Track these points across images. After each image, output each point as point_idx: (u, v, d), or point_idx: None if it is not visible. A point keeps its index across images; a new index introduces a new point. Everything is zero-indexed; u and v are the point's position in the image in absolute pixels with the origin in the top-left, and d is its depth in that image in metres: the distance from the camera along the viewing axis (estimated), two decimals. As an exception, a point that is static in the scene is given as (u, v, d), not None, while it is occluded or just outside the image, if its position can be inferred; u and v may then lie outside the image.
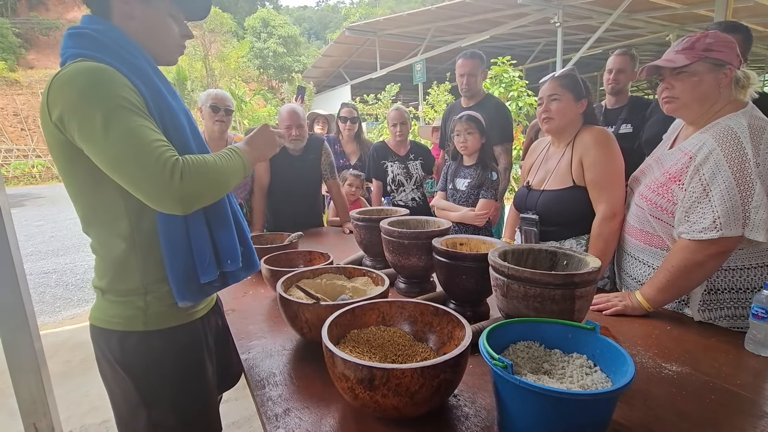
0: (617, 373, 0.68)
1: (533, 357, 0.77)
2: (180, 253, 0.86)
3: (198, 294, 0.91)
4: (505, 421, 0.69)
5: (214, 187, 0.85)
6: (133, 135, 0.76)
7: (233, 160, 0.91)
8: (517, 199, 1.59)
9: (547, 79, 1.44)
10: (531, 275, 0.85)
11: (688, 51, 1.08)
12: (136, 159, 0.76)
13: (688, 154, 1.07)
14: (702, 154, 1.03)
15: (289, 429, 0.72)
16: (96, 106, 0.75)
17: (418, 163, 2.64)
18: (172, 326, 0.91)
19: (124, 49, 0.84)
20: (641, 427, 0.71)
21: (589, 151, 1.36)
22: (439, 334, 0.87)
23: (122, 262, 0.87)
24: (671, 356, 0.93)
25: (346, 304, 0.91)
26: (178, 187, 0.77)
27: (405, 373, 0.64)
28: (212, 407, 1.01)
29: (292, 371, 0.91)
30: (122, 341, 0.88)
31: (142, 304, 0.88)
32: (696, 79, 1.07)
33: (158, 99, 0.85)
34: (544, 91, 1.44)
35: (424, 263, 1.26)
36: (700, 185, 1.02)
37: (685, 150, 1.09)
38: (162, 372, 0.90)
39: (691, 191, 1.03)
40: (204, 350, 0.97)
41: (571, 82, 1.40)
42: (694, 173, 1.04)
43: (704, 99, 1.08)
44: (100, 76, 0.77)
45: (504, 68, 7.46)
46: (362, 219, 1.52)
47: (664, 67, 1.10)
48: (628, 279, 1.28)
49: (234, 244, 0.95)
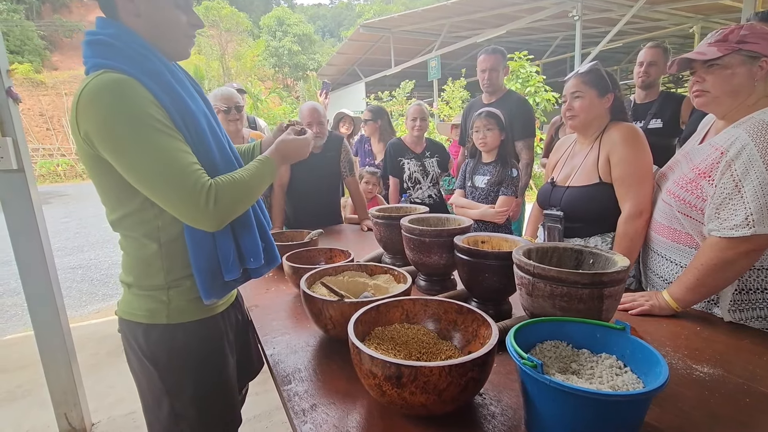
0: (649, 375, 0.67)
1: (561, 357, 0.76)
2: (205, 255, 0.90)
3: (222, 290, 0.94)
4: (533, 421, 0.69)
5: (245, 203, 0.92)
6: (166, 159, 0.80)
7: (261, 170, 0.95)
8: (540, 195, 1.57)
9: (571, 77, 1.41)
10: (558, 274, 0.84)
11: (721, 43, 1.04)
12: (170, 184, 0.80)
13: (719, 150, 1.04)
14: (734, 149, 1.00)
15: (316, 424, 0.73)
16: (124, 128, 0.78)
17: (434, 160, 2.63)
18: (193, 320, 0.95)
19: (140, 54, 0.85)
20: (674, 429, 0.69)
21: (616, 147, 1.33)
22: (463, 333, 0.87)
23: (149, 260, 0.91)
24: (702, 358, 0.91)
25: (370, 301, 0.91)
26: (213, 211, 0.83)
27: (433, 371, 0.64)
28: (232, 400, 1.03)
29: (317, 367, 0.92)
30: (147, 333, 0.92)
31: (165, 298, 0.92)
32: (728, 72, 1.04)
33: (180, 106, 0.87)
34: (567, 89, 1.41)
35: (445, 261, 1.25)
36: (732, 181, 0.99)
37: (716, 145, 1.06)
38: (183, 364, 0.94)
39: (723, 187, 1.00)
40: (225, 344, 1.00)
41: (595, 78, 1.37)
42: (725, 169, 1.01)
43: (737, 93, 1.05)
44: (123, 92, 0.79)
45: (521, 63, 7.35)
46: (382, 217, 1.52)
47: (696, 60, 1.07)
48: (654, 278, 1.25)
49: (256, 244, 0.97)
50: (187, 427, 0.96)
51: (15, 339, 3.11)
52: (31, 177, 1.80)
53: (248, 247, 0.96)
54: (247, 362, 1.14)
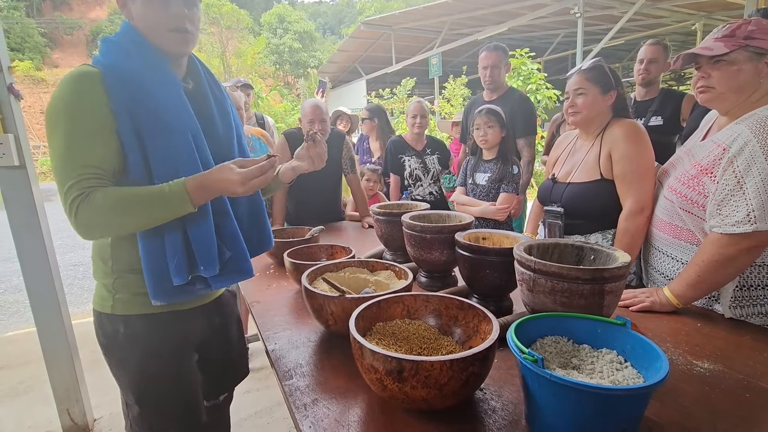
0: (649, 370, 0.67)
1: (561, 352, 0.76)
2: (153, 255, 0.89)
3: (173, 295, 0.92)
4: (533, 416, 0.69)
5: (112, 228, 0.87)
6: (65, 157, 0.83)
7: (152, 198, 0.83)
8: (541, 191, 1.57)
9: (574, 73, 1.41)
10: (559, 270, 0.84)
11: (728, 39, 1.04)
12: (58, 182, 0.85)
13: (721, 146, 1.04)
14: (737, 145, 1.00)
15: (317, 419, 0.73)
16: (53, 118, 0.84)
17: (435, 157, 2.63)
18: (138, 314, 0.96)
19: (125, 51, 0.88)
20: (674, 424, 0.70)
21: (618, 144, 1.33)
22: (464, 328, 0.87)
23: (102, 249, 0.97)
24: (702, 354, 0.91)
25: (371, 297, 0.91)
26: (74, 221, 0.84)
27: (434, 366, 0.65)
28: (188, 402, 1.02)
29: (318, 362, 0.92)
30: (99, 320, 0.99)
31: (111, 288, 0.96)
32: (735, 69, 1.03)
33: (142, 113, 0.86)
34: (570, 85, 1.41)
35: (446, 257, 1.25)
36: (734, 177, 0.99)
37: (719, 141, 1.06)
38: (126, 356, 0.97)
39: (725, 184, 1.00)
40: (182, 344, 1.00)
41: (598, 75, 1.37)
42: (727, 165, 1.00)
43: (742, 89, 1.04)
44: (73, 85, 0.84)
45: (522, 61, 7.34)
46: (383, 213, 1.53)
47: (701, 55, 1.07)
48: (655, 274, 1.25)
49: (209, 250, 0.92)
50: (135, 422, 0.99)
51: (17, 335, 3.13)
52: (32, 174, 1.80)
53: (200, 249, 0.91)
54: (224, 367, 1.13)
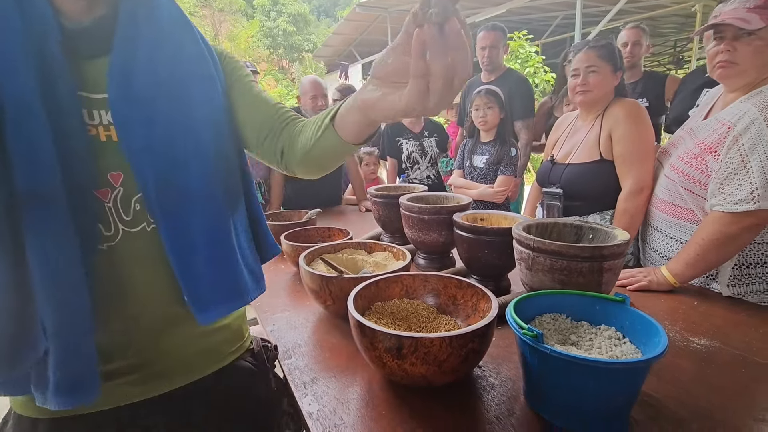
0: (648, 345, 0.67)
1: (560, 329, 0.76)
2: None
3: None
4: (532, 391, 0.69)
5: None
6: None
7: None
8: (539, 173, 1.56)
9: (581, 48, 1.38)
10: (558, 248, 0.84)
11: (763, 10, 0.97)
12: None
13: (726, 124, 1.02)
14: (742, 123, 0.98)
15: (317, 396, 0.74)
16: None
17: (433, 140, 2.61)
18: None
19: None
20: (671, 399, 0.70)
21: (619, 124, 1.31)
22: (463, 307, 0.87)
23: None
24: (699, 331, 0.92)
25: (369, 276, 0.91)
26: None
27: (433, 342, 0.64)
28: None
29: (317, 342, 0.92)
30: None
31: None
32: (762, 44, 0.98)
33: None
34: (579, 62, 1.37)
35: (444, 239, 1.25)
36: (739, 156, 0.97)
37: (723, 120, 1.04)
38: None
39: (728, 162, 0.99)
40: None
41: (609, 53, 1.34)
42: (732, 143, 0.99)
43: (764, 67, 1.00)
44: None
45: (520, 43, 7.24)
46: (380, 195, 1.51)
47: (727, 27, 1.01)
48: (653, 254, 1.26)
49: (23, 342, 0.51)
50: None
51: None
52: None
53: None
54: None
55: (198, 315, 0.63)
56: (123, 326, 0.62)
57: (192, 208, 0.61)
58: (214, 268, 0.64)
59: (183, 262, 0.61)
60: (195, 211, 0.62)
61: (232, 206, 0.69)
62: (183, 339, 0.68)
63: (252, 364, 0.79)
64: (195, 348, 0.69)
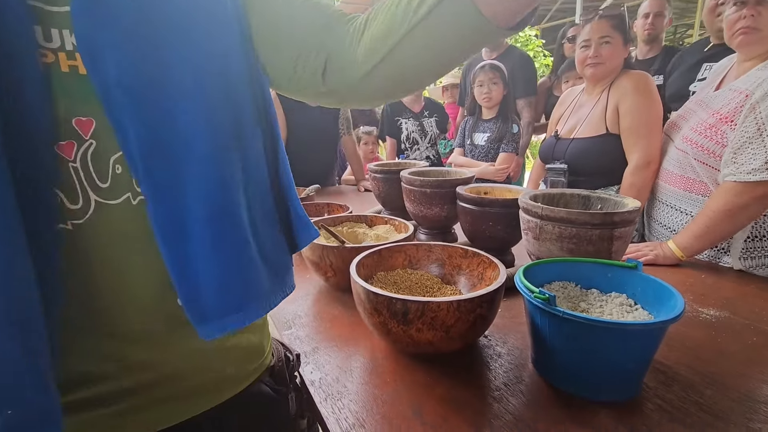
0: (661, 311, 0.65)
1: (569, 297, 0.74)
2: None
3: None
4: (541, 358, 0.67)
5: None
6: None
7: None
8: (543, 149, 1.53)
9: (591, 18, 1.33)
10: (567, 215, 0.81)
11: None
12: None
13: (743, 93, 0.99)
14: (761, 91, 0.94)
15: (318, 365, 0.71)
16: None
17: (433, 120, 2.56)
18: None
19: None
20: (682, 365, 0.69)
21: (626, 96, 1.28)
22: (468, 276, 0.85)
23: None
24: (708, 302, 0.90)
25: (372, 246, 0.88)
26: None
27: (441, 306, 0.62)
28: None
29: (318, 314, 0.90)
30: None
31: None
32: None
33: None
34: (592, 32, 1.32)
35: (446, 213, 1.22)
36: (755, 124, 0.94)
37: (740, 89, 1.01)
38: None
39: (744, 131, 0.96)
40: None
41: (622, 22, 1.30)
42: (749, 112, 0.96)
43: None
44: None
45: (520, 26, 7.14)
46: (381, 171, 1.48)
47: None
48: (660, 228, 1.23)
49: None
50: None
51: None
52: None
53: None
54: None
55: (197, 327, 0.44)
56: (100, 341, 0.44)
57: (188, 174, 0.42)
58: (216, 261, 0.44)
59: (175, 252, 0.42)
60: (192, 178, 0.42)
61: (246, 172, 0.48)
62: (185, 356, 0.49)
63: (271, 387, 0.60)
64: (199, 369, 0.50)
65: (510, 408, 0.59)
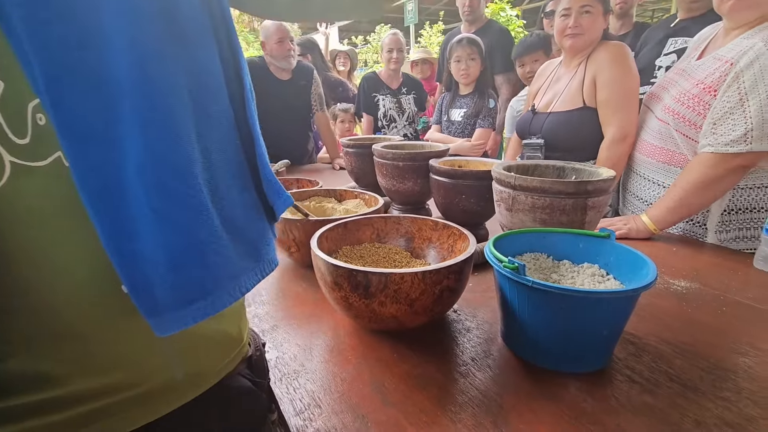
0: (633, 281, 0.63)
1: (540, 268, 0.71)
2: None
3: None
4: (511, 331, 0.64)
5: None
6: None
7: None
8: (519, 124, 1.49)
9: None
10: (540, 184, 0.77)
11: None
12: None
13: (728, 61, 0.96)
14: (746, 59, 0.91)
15: (276, 343, 0.67)
16: None
17: (411, 97, 2.49)
18: None
19: None
20: (652, 336, 0.67)
21: (604, 68, 1.24)
22: (438, 249, 0.81)
23: None
24: (678, 274, 0.89)
25: (337, 219, 0.83)
26: None
27: (405, 278, 0.58)
28: None
29: (280, 291, 0.85)
30: None
31: None
32: None
33: None
34: (572, 1, 1.26)
35: (420, 187, 1.17)
36: (737, 94, 0.91)
37: (725, 57, 0.97)
38: None
39: (726, 100, 0.93)
40: None
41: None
42: (732, 81, 0.93)
43: None
44: None
45: (501, 6, 7.03)
46: (354, 146, 1.42)
47: None
48: (635, 201, 1.22)
49: None
50: None
51: None
52: None
53: None
54: None
55: (149, 320, 0.33)
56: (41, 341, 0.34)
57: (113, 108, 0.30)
58: (163, 232, 0.33)
59: (109, 223, 0.31)
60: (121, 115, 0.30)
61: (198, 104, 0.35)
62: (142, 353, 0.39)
63: (249, 379, 0.49)
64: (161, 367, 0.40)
65: (476, 383, 0.56)
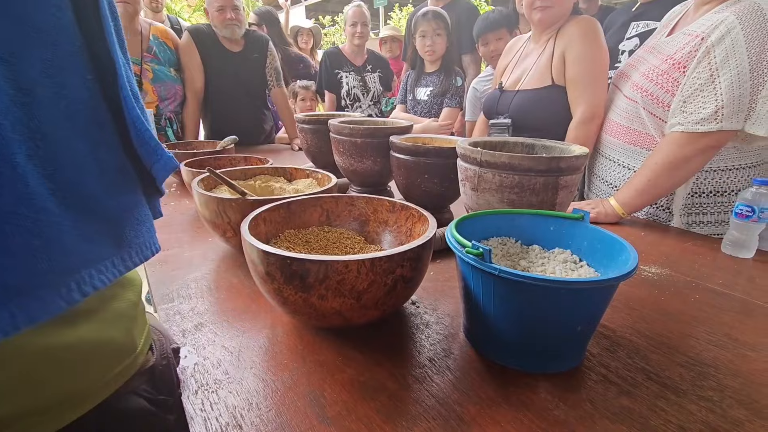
0: (609, 267, 0.56)
1: (508, 254, 0.63)
2: None
3: None
4: (473, 327, 0.56)
5: None
6: None
7: None
8: (487, 103, 1.41)
9: None
10: (509, 159, 0.69)
11: None
12: None
13: (698, 36, 0.91)
14: (718, 33, 0.87)
15: (197, 346, 0.55)
16: None
17: (376, 75, 2.37)
18: None
19: None
20: (627, 328, 0.61)
21: (573, 44, 1.18)
22: (396, 233, 0.71)
23: None
24: (649, 259, 0.85)
25: (278, 198, 0.71)
26: None
27: (349, 267, 0.48)
28: None
29: (212, 282, 0.73)
30: None
31: None
32: None
33: None
34: None
35: (380, 167, 1.07)
36: (708, 70, 0.87)
37: (695, 32, 0.92)
38: None
39: (696, 77, 0.89)
40: None
41: None
42: (703, 56, 0.88)
43: None
44: None
45: (471, -10, 6.95)
46: (309, 121, 1.29)
47: None
48: (601, 185, 1.18)
49: None
50: None
51: None
52: None
53: None
54: None
55: None
56: None
57: None
58: None
59: None
60: None
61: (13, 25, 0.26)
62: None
63: (148, 397, 0.39)
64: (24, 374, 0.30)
65: (433, 390, 0.48)
